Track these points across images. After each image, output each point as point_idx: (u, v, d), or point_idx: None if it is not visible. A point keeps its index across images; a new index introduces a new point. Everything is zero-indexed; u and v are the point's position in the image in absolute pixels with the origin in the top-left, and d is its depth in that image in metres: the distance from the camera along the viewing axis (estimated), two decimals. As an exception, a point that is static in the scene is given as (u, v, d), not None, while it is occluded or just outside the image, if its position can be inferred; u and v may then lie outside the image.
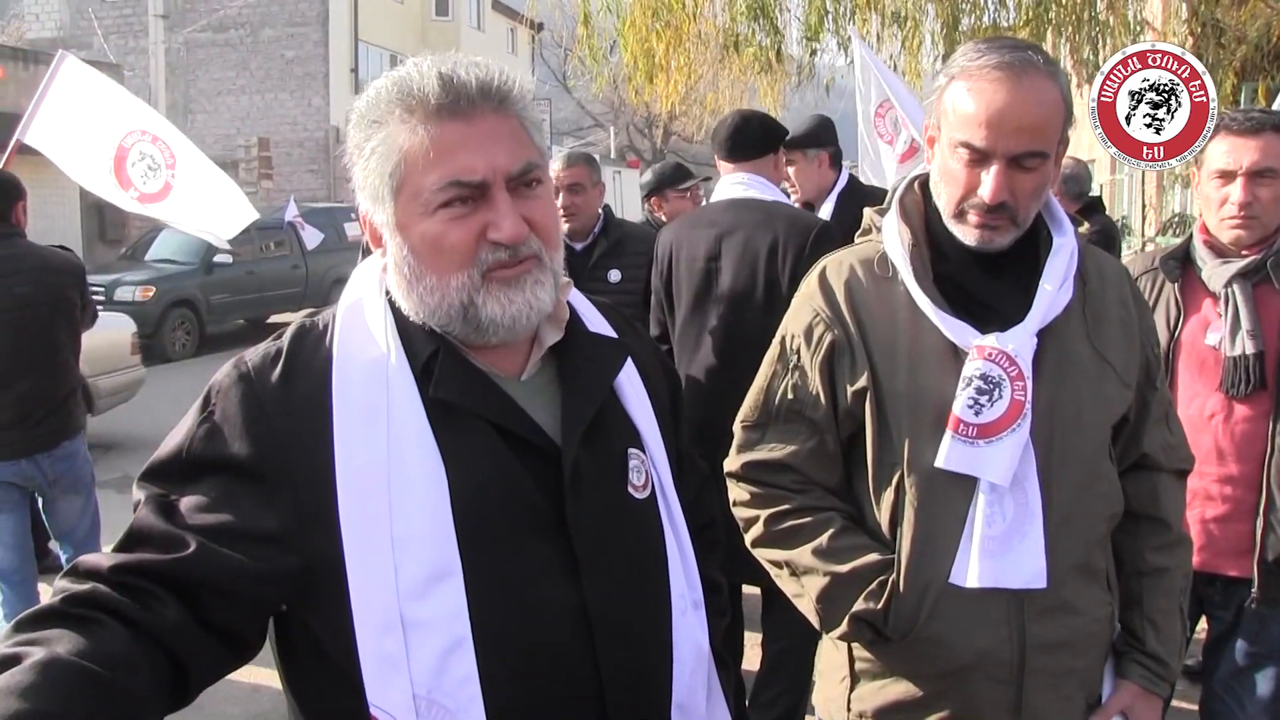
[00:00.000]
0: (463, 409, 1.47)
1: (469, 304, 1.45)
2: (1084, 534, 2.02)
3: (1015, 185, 1.92)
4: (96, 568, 1.35)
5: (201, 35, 31.63)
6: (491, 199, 1.44)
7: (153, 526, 1.38)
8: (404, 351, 1.48)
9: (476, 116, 1.44)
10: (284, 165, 30.40)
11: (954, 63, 1.99)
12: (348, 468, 1.41)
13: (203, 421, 1.44)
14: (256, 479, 1.40)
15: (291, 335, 1.53)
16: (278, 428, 1.42)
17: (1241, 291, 2.88)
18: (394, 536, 1.39)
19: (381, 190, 1.46)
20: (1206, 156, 2.98)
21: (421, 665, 1.39)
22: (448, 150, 1.42)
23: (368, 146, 1.46)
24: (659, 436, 1.68)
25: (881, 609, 1.99)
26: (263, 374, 1.46)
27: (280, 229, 18.62)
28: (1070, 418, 2.00)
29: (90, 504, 4.93)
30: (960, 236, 2.00)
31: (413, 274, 1.47)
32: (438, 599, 1.39)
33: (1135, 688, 2.11)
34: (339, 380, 1.45)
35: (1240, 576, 2.93)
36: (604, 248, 4.80)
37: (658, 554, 1.61)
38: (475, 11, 39.97)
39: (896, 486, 2.01)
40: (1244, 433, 2.88)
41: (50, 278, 4.64)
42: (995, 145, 1.89)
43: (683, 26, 11.77)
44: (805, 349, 2.10)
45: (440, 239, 1.44)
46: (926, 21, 11.74)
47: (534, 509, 1.48)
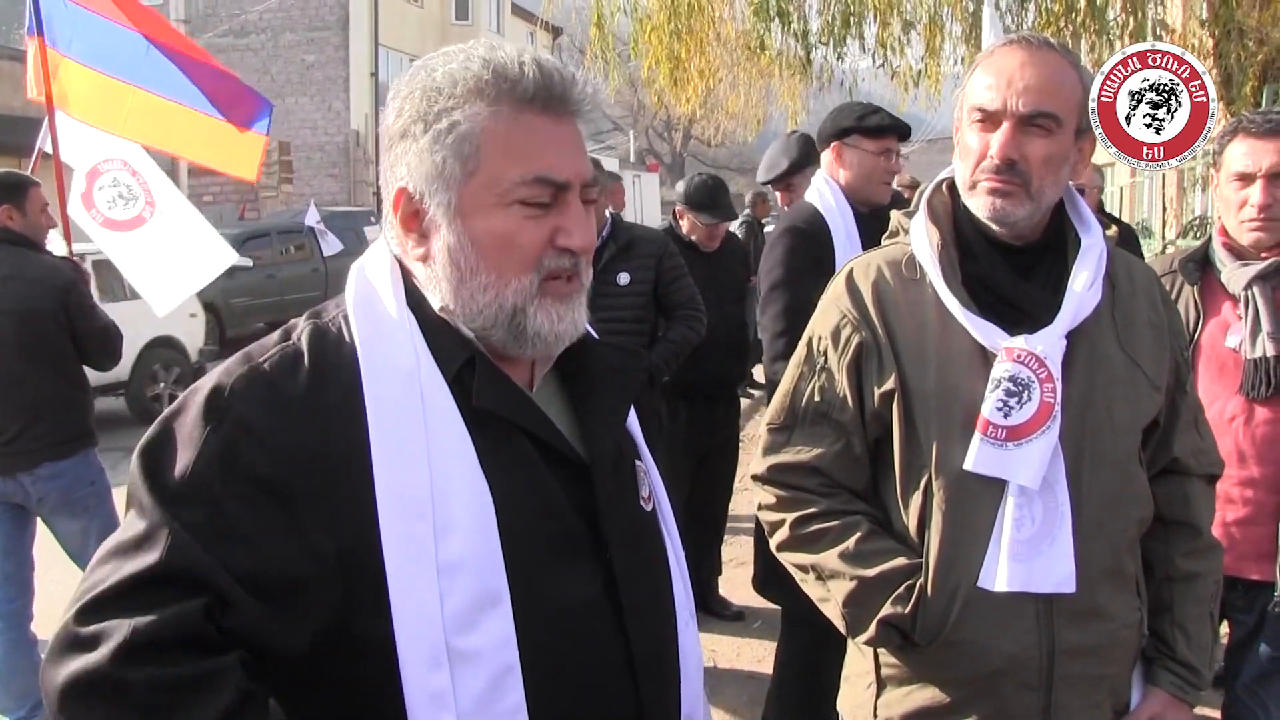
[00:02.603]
0: (501, 420, 1.38)
1: (520, 310, 1.37)
2: (1114, 538, 2.01)
3: (1026, 149, 1.94)
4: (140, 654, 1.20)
5: (222, 40, 31.72)
6: (566, 204, 1.38)
7: (189, 578, 1.22)
8: (433, 357, 1.37)
9: (565, 116, 1.39)
10: (304, 169, 30.49)
11: (977, 58, 2.04)
12: (390, 490, 1.28)
13: (214, 430, 1.27)
14: (286, 502, 1.26)
15: (309, 337, 1.37)
16: (309, 442, 1.28)
17: (1261, 294, 2.87)
18: (439, 562, 1.28)
19: (451, 170, 1.35)
20: (1225, 159, 2.97)
21: (469, 698, 1.29)
22: (538, 145, 1.35)
23: (442, 122, 1.34)
24: (647, 448, 1.64)
25: (909, 614, 1.98)
26: (286, 378, 1.32)
27: (300, 233, 18.73)
28: (1100, 420, 1.99)
29: (94, 529, 4.49)
30: (976, 210, 2.00)
31: (468, 267, 1.36)
32: (487, 628, 1.30)
33: (1165, 695, 2.09)
34: (371, 391, 1.32)
35: (1262, 580, 2.91)
36: (612, 251, 4.83)
37: (666, 566, 1.57)
38: (495, 15, 40.01)
39: (924, 489, 2.00)
40: (1265, 435, 2.87)
41: (19, 289, 4.39)
42: (1005, 103, 1.93)
43: (703, 30, 11.76)
44: (833, 350, 2.10)
45: (511, 235, 1.35)
46: (948, 25, 11.71)
47: (570, 525, 1.41)
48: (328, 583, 1.28)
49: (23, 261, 4.48)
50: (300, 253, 18.78)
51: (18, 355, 4.38)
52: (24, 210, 4.54)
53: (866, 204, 3.84)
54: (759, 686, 4.89)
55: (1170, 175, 10.08)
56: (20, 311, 4.38)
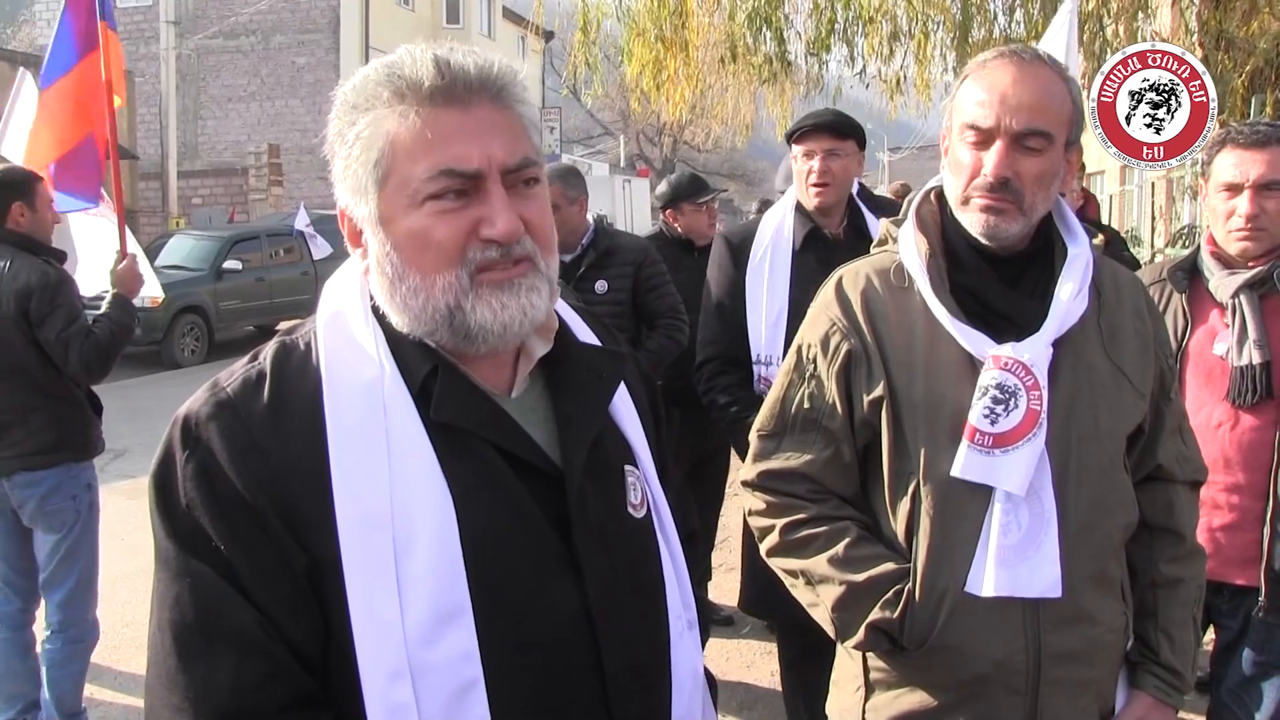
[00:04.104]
0: (465, 432, 1.36)
1: (456, 308, 1.33)
2: (1099, 544, 2.03)
3: (1019, 167, 1.95)
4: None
5: (213, 42, 31.72)
6: (485, 193, 1.33)
7: (231, 614, 1.28)
8: (398, 370, 1.36)
9: (474, 105, 1.33)
10: (294, 172, 30.45)
11: (966, 69, 2.05)
12: (348, 503, 1.28)
13: (188, 460, 1.30)
14: (258, 521, 1.28)
15: (273, 356, 1.38)
16: (273, 462, 1.29)
17: (1248, 302, 2.90)
18: (399, 576, 1.28)
19: (365, 180, 1.34)
20: (1214, 169, 3.00)
21: (431, 712, 1.28)
22: (441, 138, 1.31)
23: (351, 133, 1.34)
24: (649, 451, 1.60)
25: (898, 618, 1.99)
26: (247, 401, 1.33)
27: (290, 236, 18.70)
28: (1086, 428, 2.01)
29: (64, 549, 4.33)
30: (968, 226, 2.02)
31: (395, 273, 1.35)
32: (449, 641, 1.29)
33: (1149, 699, 2.11)
34: (331, 405, 1.32)
35: (1247, 585, 2.94)
36: (592, 259, 4.86)
37: (656, 576, 1.53)
38: (486, 19, 40.03)
39: (912, 496, 2.02)
40: (1251, 442, 2.90)
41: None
42: (998, 121, 1.94)
43: (690, 36, 11.77)
44: (822, 358, 2.11)
45: (426, 234, 1.32)
46: (936, 33, 11.74)
47: (540, 537, 1.38)
48: (309, 597, 1.30)
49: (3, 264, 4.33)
50: (290, 256, 18.77)
51: None
52: (34, 206, 4.42)
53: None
54: (749, 692, 4.91)
55: (1160, 184, 10.13)
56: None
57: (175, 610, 1.29)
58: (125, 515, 6.85)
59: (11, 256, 4.30)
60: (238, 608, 1.27)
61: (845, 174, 3.75)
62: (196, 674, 1.27)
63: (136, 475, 8.44)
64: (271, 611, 1.28)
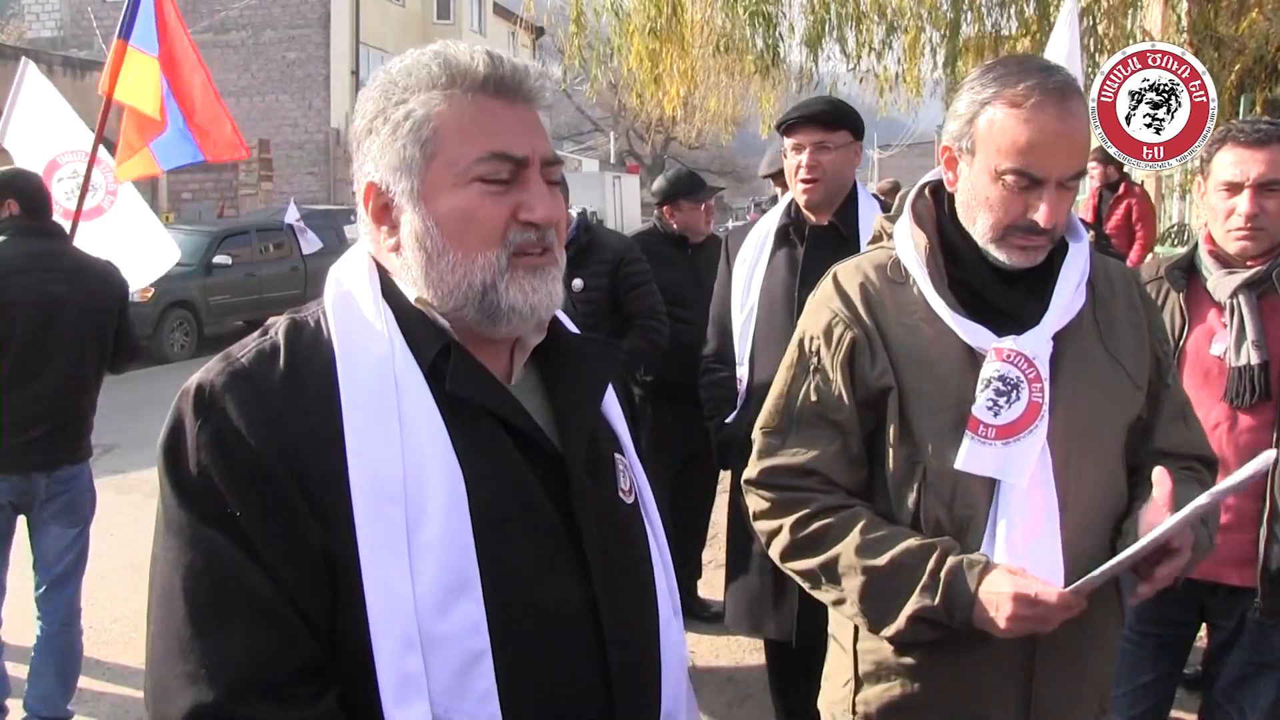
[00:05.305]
0: (476, 407, 1.40)
1: (490, 286, 1.39)
2: (1100, 535, 2.03)
3: (1060, 207, 1.95)
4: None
5: (203, 36, 31.53)
6: (526, 180, 1.40)
7: (248, 581, 1.28)
8: (408, 347, 1.40)
9: (518, 101, 1.42)
10: (284, 167, 30.39)
11: (983, 86, 1.98)
12: (363, 475, 1.31)
13: (202, 427, 1.31)
14: (275, 489, 1.30)
15: (285, 331, 1.41)
16: (289, 432, 1.31)
17: (1247, 302, 2.88)
18: (411, 545, 1.31)
19: (411, 156, 1.39)
20: (1213, 167, 2.98)
21: (440, 683, 1.31)
22: (491, 124, 1.39)
23: (398, 112, 1.39)
24: (631, 442, 1.64)
25: (941, 604, 1.92)
26: (264, 372, 1.35)
27: (280, 231, 18.65)
28: (1086, 420, 2.02)
29: (80, 540, 4.46)
30: (1002, 258, 2.00)
31: (435, 248, 1.39)
32: (459, 612, 1.32)
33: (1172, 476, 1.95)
34: (345, 378, 1.35)
35: (1242, 586, 2.94)
36: (570, 254, 4.82)
37: (646, 560, 1.58)
38: (476, 14, 40.00)
39: (919, 487, 2.01)
40: (1248, 442, 2.88)
41: (88, 283, 4.31)
42: (1051, 172, 1.92)
43: (684, 31, 11.76)
44: (825, 349, 2.09)
45: (472, 212, 1.38)
46: (928, 29, 11.75)
47: (545, 515, 1.41)
48: (321, 569, 1.31)
49: (84, 259, 4.41)
50: (279, 251, 18.71)
51: (78, 358, 4.29)
52: (14, 207, 4.37)
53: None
54: (737, 689, 4.91)
55: (1149, 182, 10.15)
56: (86, 306, 4.29)
57: (189, 578, 1.28)
58: (114, 510, 6.82)
59: (74, 249, 4.44)
60: (254, 576, 1.28)
61: (836, 167, 3.59)
62: (213, 642, 1.27)
63: (125, 470, 8.38)
64: (286, 581, 1.29)
